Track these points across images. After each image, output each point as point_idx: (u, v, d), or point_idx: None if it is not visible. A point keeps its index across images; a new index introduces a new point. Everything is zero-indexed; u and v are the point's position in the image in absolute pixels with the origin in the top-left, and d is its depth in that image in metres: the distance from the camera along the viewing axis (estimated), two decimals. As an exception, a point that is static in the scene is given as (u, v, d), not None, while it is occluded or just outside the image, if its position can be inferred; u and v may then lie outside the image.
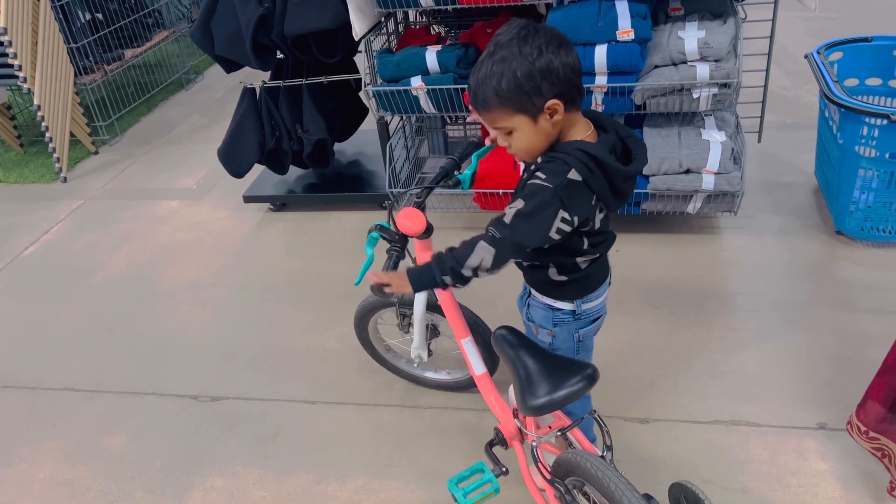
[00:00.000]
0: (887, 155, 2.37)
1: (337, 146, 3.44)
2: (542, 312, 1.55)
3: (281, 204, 3.31)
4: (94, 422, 2.26)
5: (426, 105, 2.61)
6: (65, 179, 3.86)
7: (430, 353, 2.02)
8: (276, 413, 2.21)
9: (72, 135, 4.01)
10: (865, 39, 2.78)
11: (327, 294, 2.70)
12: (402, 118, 3.21)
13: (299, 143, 3.02)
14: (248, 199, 3.29)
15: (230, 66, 2.94)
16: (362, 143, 3.53)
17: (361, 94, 3.21)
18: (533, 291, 1.57)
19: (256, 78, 3.08)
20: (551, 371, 1.39)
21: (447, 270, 1.35)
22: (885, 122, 2.25)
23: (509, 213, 1.31)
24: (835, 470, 1.81)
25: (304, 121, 2.99)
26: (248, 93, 3.02)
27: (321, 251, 2.99)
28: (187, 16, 5.23)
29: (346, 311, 2.34)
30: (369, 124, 3.40)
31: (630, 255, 2.68)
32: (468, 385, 2.13)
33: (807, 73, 3.01)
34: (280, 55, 2.95)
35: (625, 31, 2.23)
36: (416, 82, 2.54)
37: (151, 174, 3.86)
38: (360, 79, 2.70)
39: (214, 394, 2.31)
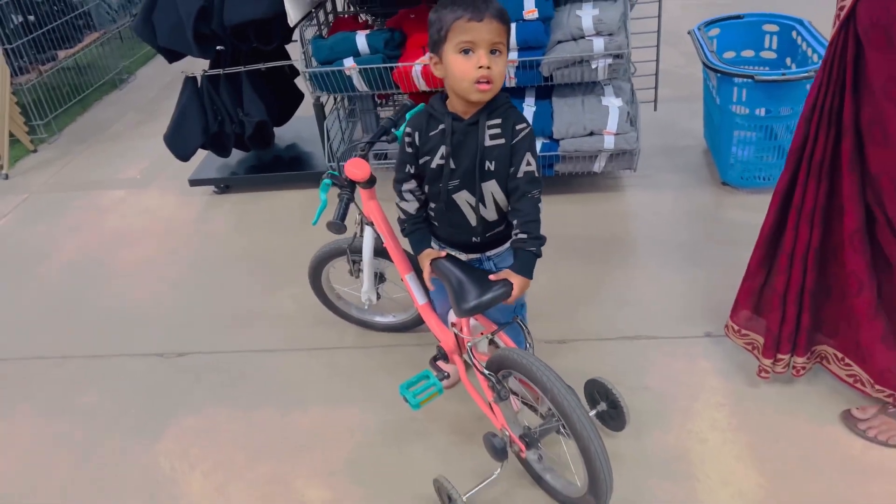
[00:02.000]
0: (758, 111, 2.79)
1: (275, 131, 3.67)
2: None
3: (225, 186, 3.53)
4: (66, 384, 2.44)
5: (359, 84, 2.89)
6: (6, 176, 3.95)
7: (378, 296, 2.29)
8: (239, 362, 2.45)
9: (10, 134, 4.10)
10: (738, 17, 3.21)
11: (277, 262, 2.95)
12: (335, 102, 3.47)
13: (241, 126, 3.25)
14: (194, 182, 3.48)
15: (172, 57, 3.15)
16: (298, 128, 3.77)
17: (298, 80, 3.47)
18: (497, 249, 1.82)
19: (196, 67, 3.29)
20: (479, 281, 1.69)
21: (541, 242, 1.64)
22: (750, 81, 2.66)
23: (535, 166, 1.62)
24: (717, 366, 2.18)
25: (245, 104, 3.22)
26: (190, 81, 3.23)
27: (267, 226, 3.23)
28: (115, 18, 5.34)
29: (296, 275, 2.59)
30: (303, 112, 3.65)
31: (546, 213, 3.01)
32: (413, 324, 2.42)
33: (697, 51, 3.44)
34: (220, 47, 3.17)
35: (530, 10, 2.57)
36: (349, 63, 2.82)
37: (94, 168, 3.99)
38: (295, 66, 2.96)
39: (179, 351, 2.53)
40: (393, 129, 2.00)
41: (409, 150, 1.75)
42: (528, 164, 1.62)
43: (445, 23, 1.54)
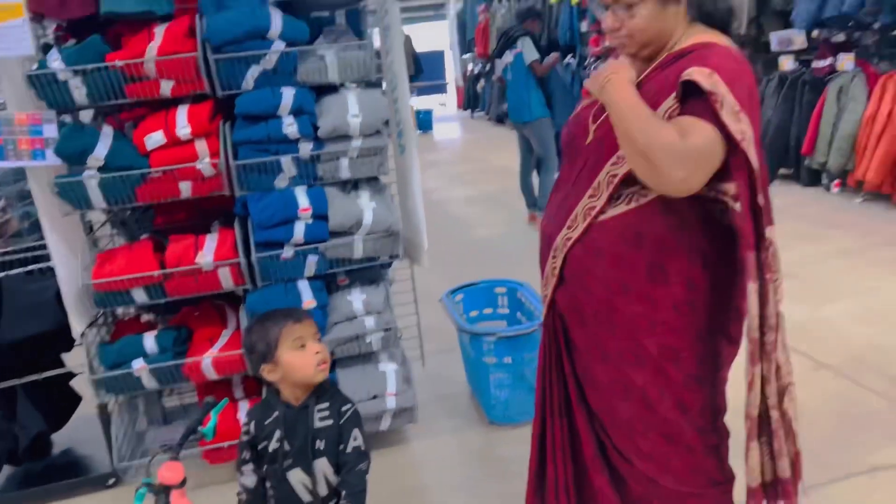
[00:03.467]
0: (505, 359, 3.37)
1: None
2: None
3: (-10, 509, 3.23)
4: None
5: (149, 383, 3.00)
6: None
7: None
8: None
9: None
10: (475, 284, 3.94)
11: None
12: (116, 399, 3.47)
13: (14, 440, 3.11)
14: (-49, 512, 3.16)
15: (-66, 378, 3.01)
16: (74, 430, 3.63)
17: (74, 383, 3.45)
18: None
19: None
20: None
21: None
22: (494, 337, 3.27)
23: (361, 441, 1.96)
24: None
25: (20, 417, 3.11)
26: (-46, 401, 3.08)
27: (47, 544, 2.99)
28: None
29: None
30: (80, 411, 3.57)
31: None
32: None
33: (447, 310, 4.09)
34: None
35: (308, 301, 2.97)
36: (139, 364, 2.94)
37: None
38: (72, 371, 3.00)
39: None
40: (200, 428, 2.17)
41: (245, 437, 2.04)
42: (356, 439, 1.96)
43: (273, 334, 1.94)
